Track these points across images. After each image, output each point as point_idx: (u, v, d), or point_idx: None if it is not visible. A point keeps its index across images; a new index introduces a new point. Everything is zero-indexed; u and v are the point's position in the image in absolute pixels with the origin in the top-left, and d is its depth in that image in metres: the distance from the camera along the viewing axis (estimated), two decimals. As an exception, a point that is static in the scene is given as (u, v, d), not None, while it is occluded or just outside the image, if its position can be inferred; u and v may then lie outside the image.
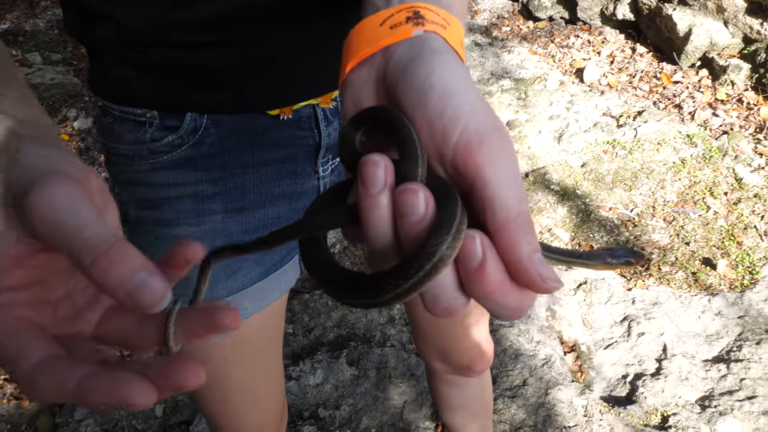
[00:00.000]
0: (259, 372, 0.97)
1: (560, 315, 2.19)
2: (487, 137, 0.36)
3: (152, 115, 0.74)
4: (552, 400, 1.89)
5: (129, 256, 0.33)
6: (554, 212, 2.71)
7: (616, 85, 3.45)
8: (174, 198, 0.78)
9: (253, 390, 0.98)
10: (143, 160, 0.76)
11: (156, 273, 0.34)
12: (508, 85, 3.60)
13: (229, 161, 0.77)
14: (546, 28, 4.11)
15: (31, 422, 1.99)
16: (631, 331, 2.13)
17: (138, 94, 0.73)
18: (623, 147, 2.99)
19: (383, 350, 2.11)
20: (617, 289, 2.29)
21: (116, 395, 0.32)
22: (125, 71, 0.73)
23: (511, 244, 0.34)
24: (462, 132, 0.36)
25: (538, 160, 3.00)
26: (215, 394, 0.97)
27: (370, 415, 1.92)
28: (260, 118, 0.75)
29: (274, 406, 1.05)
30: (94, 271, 0.33)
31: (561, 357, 2.05)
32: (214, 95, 0.72)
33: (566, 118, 3.25)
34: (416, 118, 0.38)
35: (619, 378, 2.00)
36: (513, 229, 0.34)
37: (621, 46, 3.76)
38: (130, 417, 1.96)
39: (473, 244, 0.34)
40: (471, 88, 0.39)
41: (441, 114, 0.37)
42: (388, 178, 0.36)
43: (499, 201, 0.35)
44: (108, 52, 0.72)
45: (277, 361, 1.02)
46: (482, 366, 1.18)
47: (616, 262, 0.45)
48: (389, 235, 0.36)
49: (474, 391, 1.30)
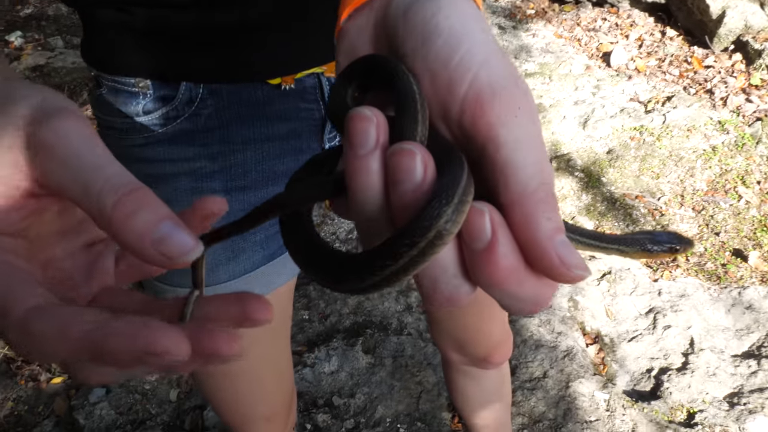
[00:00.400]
0: (265, 361, 0.94)
1: (583, 305, 2.13)
2: (502, 91, 0.29)
3: (145, 85, 0.69)
4: (573, 393, 1.83)
5: (155, 202, 0.30)
6: (578, 200, 2.63)
7: (645, 69, 3.34)
8: (170, 175, 0.74)
9: (260, 379, 0.95)
10: (137, 134, 0.72)
11: (182, 225, 0.30)
12: (532, 69, 3.51)
13: (229, 136, 0.72)
14: (572, 10, 4.00)
15: (48, 404, 1.99)
16: (657, 323, 2.05)
17: (129, 61, 0.69)
18: (651, 133, 2.89)
19: (400, 338, 2.07)
20: (643, 279, 2.22)
21: (143, 340, 0.26)
22: (114, 36, 0.68)
23: (527, 221, 0.28)
24: (471, 84, 0.30)
25: (562, 147, 2.92)
26: (221, 383, 0.94)
27: (385, 405, 1.88)
28: (261, 88, 0.70)
29: (281, 395, 1.01)
30: (116, 214, 0.29)
31: (583, 349, 1.99)
32: (209, 62, 0.67)
33: (592, 103, 3.16)
34: (417, 67, 0.32)
35: (643, 372, 1.93)
36: (530, 204, 0.28)
37: (650, 30, 3.64)
38: (145, 401, 1.95)
39: (481, 220, 0.28)
40: (485, 32, 0.32)
41: (447, 61, 0.31)
42: (380, 137, 0.30)
43: (515, 169, 0.29)
44: (96, 16, 0.68)
45: (285, 350, 0.99)
46: (500, 358, 1.13)
47: (659, 249, 0.38)
48: (380, 206, 0.30)
49: (491, 384, 1.25)
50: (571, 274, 0.28)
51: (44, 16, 4.09)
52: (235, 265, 0.80)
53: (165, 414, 1.93)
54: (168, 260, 0.29)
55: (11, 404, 1.98)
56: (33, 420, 1.94)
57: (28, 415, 1.96)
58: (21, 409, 1.97)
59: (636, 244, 0.38)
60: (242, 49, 0.67)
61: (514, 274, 0.28)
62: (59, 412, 1.96)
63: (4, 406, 1.97)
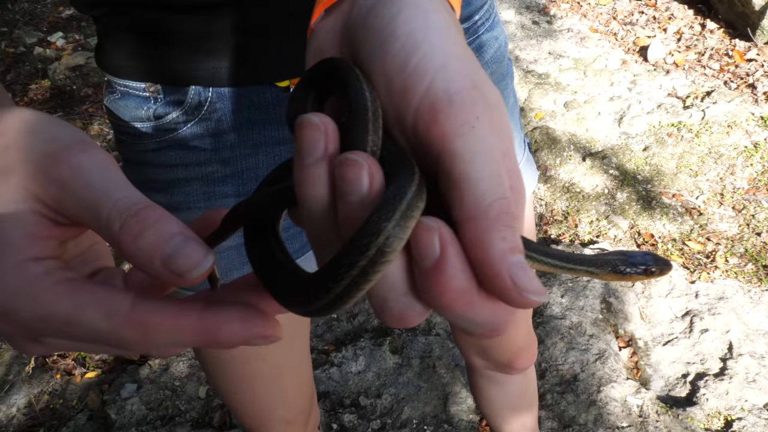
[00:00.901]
0: (284, 364, 0.93)
1: (616, 308, 2.07)
2: (459, 98, 0.27)
3: (155, 90, 0.69)
4: (604, 397, 1.79)
5: (163, 218, 0.30)
6: (612, 198, 2.57)
7: (683, 63, 3.24)
8: (183, 180, 0.73)
9: (278, 382, 0.94)
10: (149, 139, 0.72)
11: (193, 237, 0.30)
12: (566, 65, 3.44)
13: (240, 140, 0.72)
14: (608, 4, 3.90)
15: (82, 398, 2.03)
16: (694, 327, 1.99)
17: (138, 65, 0.69)
18: (689, 130, 2.80)
19: (428, 339, 2.05)
20: (679, 281, 2.15)
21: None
22: (123, 40, 0.68)
23: (478, 239, 0.26)
24: (426, 91, 0.28)
25: (596, 144, 2.86)
26: (239, 386, 0.93)
27: (412, 406, 1.86)
28: (269, 91, 0.69)
29: (300, 399, 1.00)
30: (123, 236, 0.29)
31: (615, 352, 1.94)
32: (214, 65, 0.66)
33: (628, 99, 3.08)
34: (374, 73, 0.30)
35: (678, 377, 1.88)
36: (483, 221, 0.26)
37: (689, 22, 3.53)
38: (174, 397, 1.97)
39: (429, 237, 0.26)
40: (448, 36, 0.30)
41: (402, 67, 0.29)
42: (328, 146, 0.28)
43: (469, 183, 0.26)
44: (103, 20, 0.68)
45: (303, 353, 0.98)
46: (524, 363, 1.10)
47: (632, 271, 0.35)
48: (328, 218, 0.28)
49: (516, 389, 1.22)
50: (522, 298, 0.26)
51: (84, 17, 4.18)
52: (249, 269, 0.79)
53: (194, 410, 1.95)
54: (180, 277, 0.30)
55: (47, 398, 2.02)
56: (67, 414, 1.98)
57: (62, 409, 2.00)
58: (56, 402, 2.02)
59: (607, 266, 0.35)
60: (246, 52, 0.66)
61: (464, 295, 0.26)
62: (92, 406, 2.00)
63: (41, 399, 2.02)
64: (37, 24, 4.01)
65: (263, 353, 0.88)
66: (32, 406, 2.00)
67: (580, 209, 2.56)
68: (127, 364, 2.10)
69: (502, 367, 1.12)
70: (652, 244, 2.37)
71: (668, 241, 2.36)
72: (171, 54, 0.67)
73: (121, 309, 0.30)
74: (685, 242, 2.34)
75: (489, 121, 0.28)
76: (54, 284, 0.31)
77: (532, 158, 0.93)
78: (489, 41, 0.82)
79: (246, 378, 0.92)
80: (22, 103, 3.36)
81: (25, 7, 4.12)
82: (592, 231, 2.47)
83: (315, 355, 2.06)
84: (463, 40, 0.32)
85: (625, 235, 2.44)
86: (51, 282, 0.31)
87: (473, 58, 0.30)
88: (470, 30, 0.79)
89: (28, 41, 3.81)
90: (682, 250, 2.32)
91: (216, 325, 0.31)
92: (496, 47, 0.83)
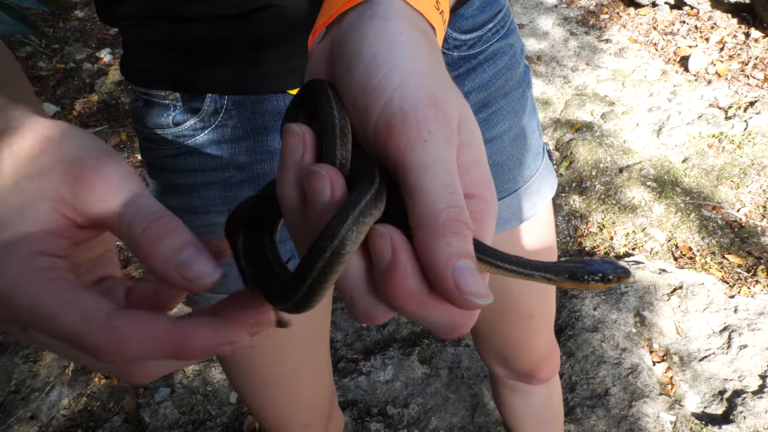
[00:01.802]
0: (303, 368, 0.95)
1: (650, 321, 2.02)
2: (413, 114, 0.30)
3: (174, 98, 0.72)
4: (636, 413, 1.74)
5: (180, 229, 0.33)
6: (650, 211, 2.51)
7: (726, 73, 3.17)
8: (201, 185, 0.76)
9: (297, 385, 0.95)
10: (169, 145, 0.75)
11: (205, 251, 0.33)
12: (604, 76, 3.40)
13: (255, 146, 0.74)
14: (648, 14, 3.84)
15: (118, 401, 2.09)
16: (732, 342, 1.93)
17: (158, 74, 0.72)
18: (731, 141, 2.73)
19: (457, 350, 2.04)
20: (718, 296, 2.09)
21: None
22: (144, 50, 0.71)
23: (426, 245, 0.28)
24: (384, 108, 0.31)
25: (633, 155, 2.80)
26: (259, 390, 0.95)
27: (439, 416, 1.86)
28: (283, 99, 0.71)
29: (319, 403, 1.01)
30: (144, 239, 0.32)
31: (649, 367, 1.89)
32: (228, 74, 0.69)
33: (667, 109, 3.02)
34: (343, 93, 0.34)
35: (715, 394, 1.82)
36: (431, 228, 0.28)
37: (733, 32, 3.44)
38: (206, 402, 2.01)
39: (381, 242, 0.29)
40: (414, 56, 0.33)
41: (364, 87, 0.32)
42: (305, 153, 0.32)
43: (419, 194, 0.29)
44: (128, 32, 0.72)
45: (323, 358, 0.99)
46: (546, 374, 1.09)
47: (589, 279, 0.35)
48: (301, 220, 0.32)
49: (539, 399, 1.21)
50: (464, 300, 0.28)
51: (130, 34, 4.34)
52: None
53: (224, 416, 1.98)
54: (189, 283, 0.32)
55: (85, 400, 2.09)
56: (104, 416, 2.04)
57: (99, 411, 2.06)
58: (94, 404, 2.08)
59: (565, 272, 0.36)
60: (260, 62, 0.68)
61: (416, 296, 0.29)
62: (128, 409, 2.05)
63: (79, 401, 2.09)
64: (86, 41, 4.17)
65: (282, 356, 0.90)
66: (71, 407, 2.07)
67: (616, 221, 2.51)
68: (161, 369, 2.16)
69: (524, 377, 1.11)
70: (690, 257, 2.31)
71: (707, 255, 2.30)
72: (188, 63, 0.70)
73: (98, 315, 0.32)
74: (724, 255, 2.27)
75: (442, 133, 0.30)
76: (50, 280, 0.33)
77: (551, 165, 0.93)
78: (503, 48, 0.82)
79: (265, 381, 0.94)
80: (70, 116, 3.50)
81: (75, 25, 4.30)
82: (627, 243, 2.43)
83: (344, 363, 2.07)
84: (432, 57, 0.34)
85: (662, 247, 2.38)
86: (49, 277, 0.33)
87: (437, 74, 0.33)
88: (482, 39, 0.79)
89: (77, 57, 3.97)
90: (721, 263, 2.25)
91: (187, 333, 0.32)
92: (511, 54, 0.84)
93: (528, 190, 0.87)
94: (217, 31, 0.66)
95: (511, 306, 0.97)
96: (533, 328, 1.01)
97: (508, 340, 1.03)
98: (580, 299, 2.11)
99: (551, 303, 1.03)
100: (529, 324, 1.00)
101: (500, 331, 1.02)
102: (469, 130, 0.33)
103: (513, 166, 0.85)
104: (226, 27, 0.65)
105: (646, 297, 2.10)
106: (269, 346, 0.88)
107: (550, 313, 1.04)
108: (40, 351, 2.24)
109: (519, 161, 0.85)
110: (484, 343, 1.08)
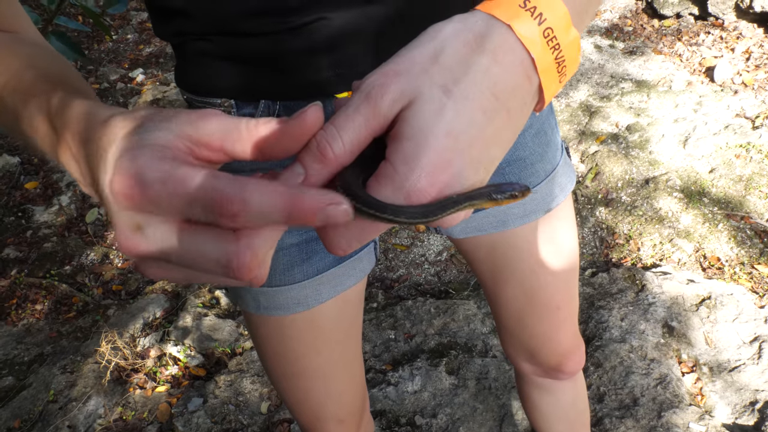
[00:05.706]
0: (336, 361, 0.98)
1: (679, 332, 2.02)
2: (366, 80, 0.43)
3: (229, 104, 0.76)
4: (666, 423, 1.74)
5: None
6: (677, 221, 2.51)
7: (753, 83, 3.15)
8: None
9: (332, 378, 0.99)
10: None
11: None
12: (629, 88, 3.40)
13: None
14: (672, 26, 3.84)
15: (152, 410, 2.14)
16: (763, 353, 1.91)
17: (214, 83, 0.76)
18: (759, 150, 2.71)
19: (484, 360, 2.06)
20: (747, 306, 2.08)
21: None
22: (201, 62, 0.76)
23: None
24: None
25: (660, 166, 2.80)
26: (294, 383, 0.99)
27: (467, 426, 1.87)
28: (330, 104, 0.75)
29: (352, 398, 1.05)
30: None
31: (678, 377, 1.89)
32: (281, 80, 0.73)
33: (693, 120, 3.01)
34: None
35: (746, 405, 1.80)
36: None
37: (759, 41, 3.42)
38: (237, 411, 2.05)
39: None
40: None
41: None
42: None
43: None
44: (184, 45, 0.76)
45: (356, 353, 1.03)
46: (572, 367, 1.11)
47: (501, 197, 0.45)
48: None
49: (566, 397, 1.22)
50: None
51: (162, 54, 4.46)
52: (308, 266, 0.85)
53: (255, 425, 2.02)
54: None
55: (120, 409, 2.15)
56: (138, 425, 2.09)
57: (134, 421, 2.11)
58: (128, 414, 2.14)
59: (483, 197, 0.44)
60: (309, 68, 0.73)
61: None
62: (161, 418, 2.10)
63: (114, 410, 2.15)
64: (120, 61, 4.31)
65: (317, 348, 0.94)
66: (107, 416, 2.12)
67: (643, 232, 2.51)
68: (194, 380, 2.21)
69: (551, 371, 1.13)
70: (719, 267, 2.30)
71: (736, 265, 2.29)
72: (242, 72, 0.74)
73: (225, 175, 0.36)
74: (754, 266, 2.25)
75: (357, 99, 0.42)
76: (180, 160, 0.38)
77: (569, 160, 0.98)
78: None
79: (300, 373, 0.97)
80: (105, 134, 3.61)
81: (109, 47, 4.45)
82: (655, 254, 2.42)
83: (372, 374, 2.09)
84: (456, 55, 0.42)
85: (689, 258, 2.37)
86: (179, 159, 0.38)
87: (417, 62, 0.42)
88: None
89: (111, 77, 4.10)
90: (750, 274, 2.23)
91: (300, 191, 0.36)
92: None
93: (550, 182, 0.92)
94: (274, 43, 0.70)
95: (539, 299, 1.01)
96: (560, 320, 1.04)
97: (535, 333, 1.06)
98: (607, 310, 2.11)
99: (576, 296, 1.07)
100: (556, 316, 1.03)
101: (528, 325, 1.05)
102: (406, 118, 0.41)
103: (535, 160, 0.89)
104: (282, 39, 0.70)
105: (673, 308, 2.09)
106: (305, 337, 0.92)
107: (575, 306, 1.08)
108: (78, 362, 2.31)
109: (541, 156, 0.90)
110: (512, 338, 1.10)
